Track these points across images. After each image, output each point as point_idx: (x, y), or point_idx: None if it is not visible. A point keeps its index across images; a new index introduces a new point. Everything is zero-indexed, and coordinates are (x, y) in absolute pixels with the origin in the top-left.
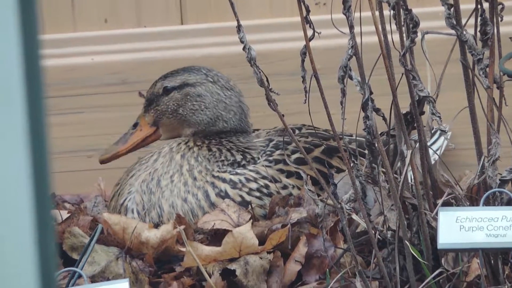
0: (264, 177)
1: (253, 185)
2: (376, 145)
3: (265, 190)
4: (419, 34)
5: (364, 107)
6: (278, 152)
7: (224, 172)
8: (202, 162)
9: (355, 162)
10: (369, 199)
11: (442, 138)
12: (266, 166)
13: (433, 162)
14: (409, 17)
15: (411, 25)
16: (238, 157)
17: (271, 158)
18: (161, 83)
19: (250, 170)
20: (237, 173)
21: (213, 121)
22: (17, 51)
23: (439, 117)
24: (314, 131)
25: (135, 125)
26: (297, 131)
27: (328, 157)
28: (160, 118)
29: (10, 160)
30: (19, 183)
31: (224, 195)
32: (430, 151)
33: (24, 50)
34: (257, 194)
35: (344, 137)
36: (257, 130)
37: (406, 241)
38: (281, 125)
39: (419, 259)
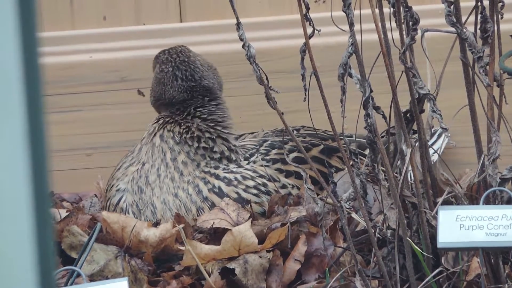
0: (261, 176)
1: (250, 183)
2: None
3: (262, 188)
4: (419, 32)
5: (365, 105)
6: (274, 151)
7: (217, 168)
8: (183, 145)
9: (355, 160)
10: (369, 197)
11: (441, 139)
12: (265, 165)
13: (433, 162)
14: (409, 14)
15: (411, 23)
16: (222, 147)
17: (268, 158)
18: None
19: (247, 169)
20: (232, 172)
21: (154, 101)
22: (16, 48)
23: (440, 114)
24: (313, 131)
25: None
26: (295, 132)
27: (327, 156)
28: None
29: (9, 159)
30: (18, 182)
31: (217, 191)
32: (431, 151)
33: (22, 47)
34: (254, 191)
35: (344, 137)
36: (256, 132)
37: (408, 239)
38: (280, 124)
39: (422, 256)
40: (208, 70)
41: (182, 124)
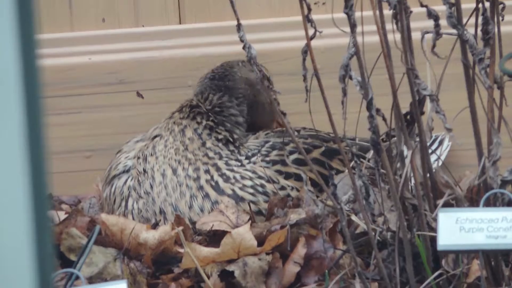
0: (260, 177)
1: (248, 183)
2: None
3: (260, 189)
4: (419, 33)
5: (368, 106)
6: (275, 152)
7: (221, 158)
8: (191, 120)
9: (357, 162)
10: (369, 199)
11: (442, 146)
12: (264, 167)
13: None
14: (427, 12)
15: (432, 19)
16: (225, 134)
17: (268, 159)
18: None
19: (247, 170)
20: (233, 170)
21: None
22: (14, 50)
23: (444, 115)
24: (314, 133)
25: None
26: (296, 133)
27: (328, 159)
28: None
29: (7, 161)
30: (16, 184)
31: (214, 185)
32: (433, 157)
33: (21, 49)
34: (251, 190)
35: (346, 140)
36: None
37: (417, 234)
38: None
39: (424, 257)
40: (245, 83)
41: (194, 102)
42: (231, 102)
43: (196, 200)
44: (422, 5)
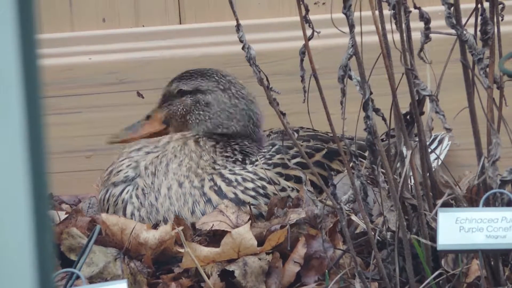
0: (261, 179)
1: (249, 185)
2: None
3: (261, 191)
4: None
5: (364, 107)
6: (278, 156)
7: (225, 168)
8: (209, 152)
9: (356, 162)
10: (368, 199)
11: (442, 145)
12: (265, 169)
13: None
14: (419, 14)
15: (423, 22)
16: (239, 156)
17: (270, 162)
18: (176, 84)
19: (248, 172)
20: (235, 173)
21: (213, 128)
22: (15, 50)
23: (443, 115)
24: (312, 133)
25: (148, 117)
26: (295, 134)
27: (329, 160)
28: (171, 118)
29: (8, 161)
30: (17, 184)
31: (217, 190)
32: (433, 157)
33: (21, 49)
34: (252, 193)
35: (345, 139)
36: None
37: (413, 236)
38: (278, 125)
39: (423, 257)
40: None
41: (214, 140)
42: (260, 150)
43: (198, 206)
44: (415, 7)
